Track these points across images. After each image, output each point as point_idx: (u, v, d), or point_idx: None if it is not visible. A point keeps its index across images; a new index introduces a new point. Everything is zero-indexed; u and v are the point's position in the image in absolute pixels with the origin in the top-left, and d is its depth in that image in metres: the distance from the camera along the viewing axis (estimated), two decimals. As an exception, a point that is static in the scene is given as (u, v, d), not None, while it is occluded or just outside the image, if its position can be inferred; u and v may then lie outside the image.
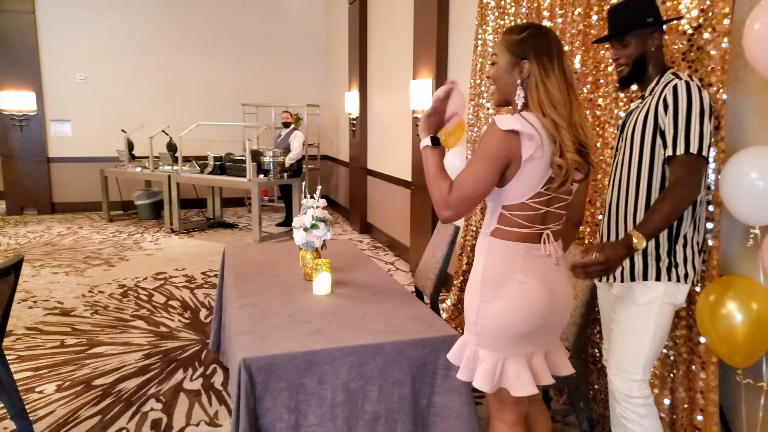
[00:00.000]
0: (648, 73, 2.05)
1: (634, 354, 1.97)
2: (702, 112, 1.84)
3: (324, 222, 2.75)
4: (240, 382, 1.88)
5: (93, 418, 2.95)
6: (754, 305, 1.84)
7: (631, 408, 1.99)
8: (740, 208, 1.88)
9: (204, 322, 4.34)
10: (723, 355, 1.97)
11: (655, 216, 1.81)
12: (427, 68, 5.21)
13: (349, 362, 2.00)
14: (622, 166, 2.08)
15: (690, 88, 1.86)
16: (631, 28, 1.98)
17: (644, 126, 1.97)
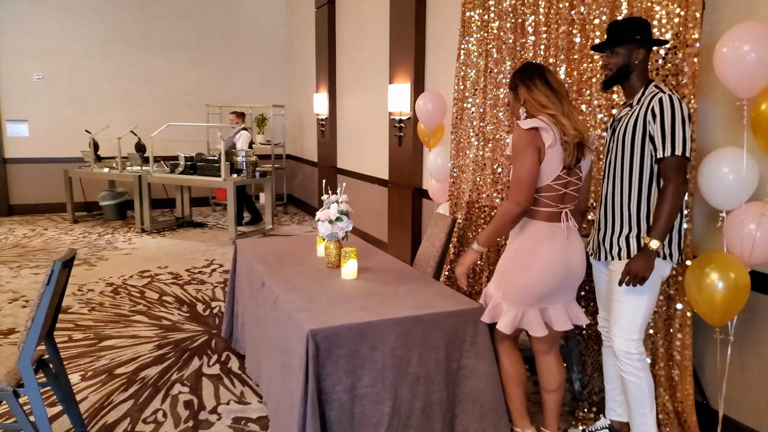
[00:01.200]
0: (631, 82, 2.43)
1: (632, 318, 2.39)
2: (683, 121, 2.23)
3: (347, 215, 3.07)
4: (308, 350, 2.18)
5: (127, 402, 3.16)
6: (731, 275, 2.28)
7: (630, 363, 2.40)
8: (714, 196, 2.33)
9: (203, 315, 4.54)
10: (705, 316, 2.41)
11: (662, 221, 2.27)
12: (405, 73, 5.56)
13: (395, 331, 2.33)
14: (615, 163, 2.47)
15: (673, 100, 2.25)
16: (620, 41, 2.39)
17: (634, 131, 2.37)
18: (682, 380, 2.70)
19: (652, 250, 2.27)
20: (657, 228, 2.28)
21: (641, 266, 2.28)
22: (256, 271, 3.14)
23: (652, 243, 2.27)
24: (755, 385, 2.57)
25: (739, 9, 2.51)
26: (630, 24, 2.40)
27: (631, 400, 2.45)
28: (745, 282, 2.29)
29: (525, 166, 2.29)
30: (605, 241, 2.50)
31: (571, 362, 3.05)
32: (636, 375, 2.40)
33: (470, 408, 2.49)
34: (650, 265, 2.28)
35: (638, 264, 2.29)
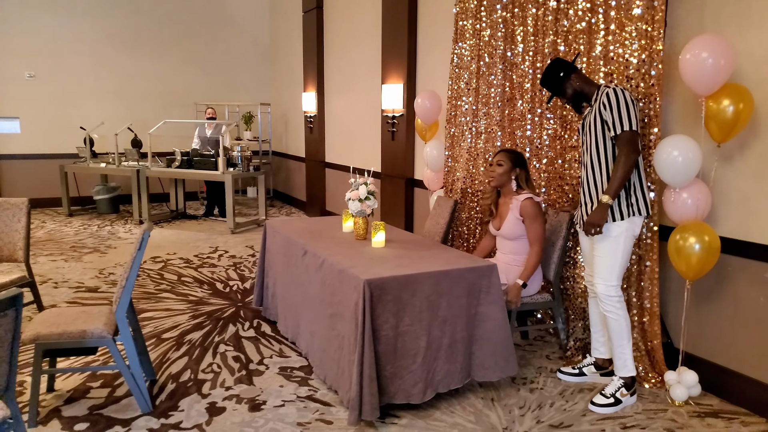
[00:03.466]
0: (587, 94, 3.13)
1: (610, 268, 3.03)
2: (627, 103, 2.87)
3: (373, 195, 3.62)
4: (364, 296, 2.73)
5: (183, 358, 3.65)
6: (706, 238, 2.93)
7: (611, 303, 3.04)
8: (667, 175, 2.97)
9: (225, 292, 5.03)
10: (682, 273, 3.03)
11: (614, 182, 2.92)
12: (398, 75, 6.14)
13: (429, 282, 2.91)
14: (588, 152, 3.11)
15: (616, 90, 2.92)
16: (556, 89, 3.20)
17: (595, 123, 3.03)
18: (651, 324, 3.36)
19: (604, 203, 2.94)
20: (610, 187, 2.93)
21: (595, 217, 2.97)
22: (296, 243, 3.67)
23: (604, 197, 2.94)
24: (709, 326, 3.24)
25: (693, 25, 3.17)
26: (550, 71, 3.18)
27: (612, 333, 3.09)
28: (716, 244, 2.93)
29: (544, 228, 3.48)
30: (587, 212, 3.11)
31: (557, 314, 3.67)
32: (615, 313, 3.05)
33: (485, 346, 3.09)
34: (603, 216, 2.95)
35: (594, 216, 2.98)
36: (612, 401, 3.04)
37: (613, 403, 3.04)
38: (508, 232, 3.57)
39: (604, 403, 3.05)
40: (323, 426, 2.85)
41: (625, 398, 3.07)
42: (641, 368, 3.36)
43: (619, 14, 3.33)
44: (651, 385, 3.29)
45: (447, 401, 3.10)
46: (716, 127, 2.89)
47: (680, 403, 3.08)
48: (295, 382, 3.34)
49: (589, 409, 3.05)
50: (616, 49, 3.38)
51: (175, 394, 3.17)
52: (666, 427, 2.88)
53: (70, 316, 2.96)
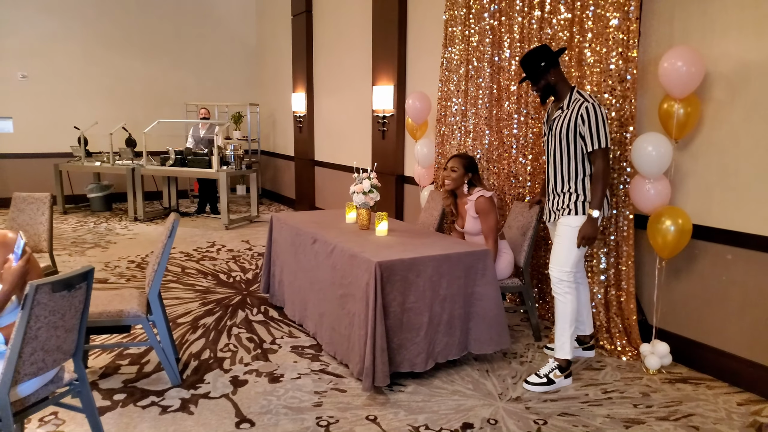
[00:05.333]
0: (558, 92, 3.31)
1: (566, 255, 3.29)
2: (603, 120, 3.14)
3: (377, 188, 3.95)
4: (376, 277, 3.06)
5: (200, 340, 3.94)
6: (679, 221, 3.31)
7: (561, 287, 3.30)
8: (643, 168, 3.35)
9: (229, 282, 5.32)
10: (659, 251, 3.40)
11: (597, 195, 3.18)
12: (388, 77, 6.48)
13: (431, 264, 3.25)
14: (555, 152, 3.34)
15: (595, 107, 3.14)
16: (533, 76, 3.30)
17: (568, 129, 3.23)
18: (628, 303, 3.74)
19: (595, 218, 3.18)
20: (594, 201, 3.18)
21: (590, 231, 3.20)
22: (305, 233, 3.98)
23: (594, 213, 3.18)
24: (679, 304, 3.63)
25: (664, 35, 3.56)
26: (533, 56, 3.28)
27: (557, 316, 3.36)
28: (688, 227, 3.32)
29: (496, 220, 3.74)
30: (554, 206, 3.40)
31: (527, 297, 3.95)
32: (564, 297, 3.32)
33: (480, 322, 3.44)
34: (595, 229, 3.21)
35: (588, 229, 3.21)
36: (545, 381, 3.26)
37: (545, 382, 3.26)
38: (470, 228, 3.92)
39: (537, 382, 3.27)
40: (338, 394, 3.18)
41: (559, 380, 3.28)
42: (619, 343, 3.74)
43: (598, 25, 3.71)
44: (628, 358, 3.67)
45: (446, 372, 3.44)
46: (672, 126, 3.31)
47: (653, 371, 3.46)
48: (307, 358, 3.66)
49: (574, 378, 3.41)
50: (595, 55, 3.75)
51: (199, 369, 3.47)
52: (642, 391, 3.26)
53: (105, 298, 3.24)
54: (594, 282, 3.85)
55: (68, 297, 2.14)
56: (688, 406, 3.08)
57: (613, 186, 3.72)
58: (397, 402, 3.10)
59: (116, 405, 3.01)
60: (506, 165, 4.63)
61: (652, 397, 3.19)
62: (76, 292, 2.17)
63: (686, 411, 3.03)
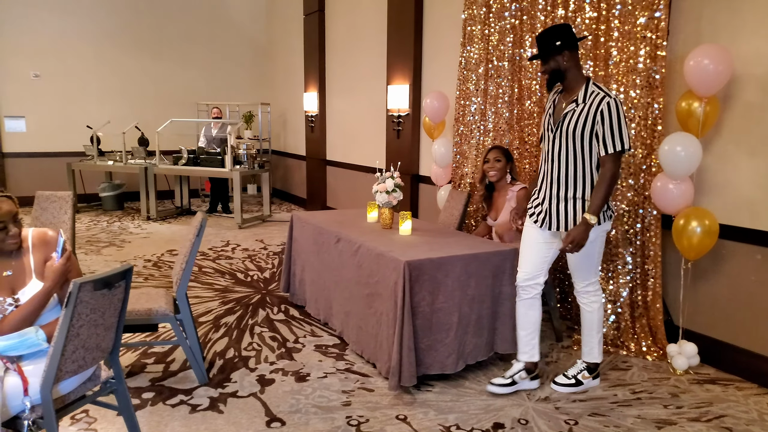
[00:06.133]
0: (569, 79, 2.92)
1: (591, 267, 3.14)
2: (624, 120, 2.83)
3: (400, 187, 3.94)
4: (404, 276, 3.05)
5: (223, 339, 3.93)
6: (706, 221, 3.29)
7: (590, 299, 3.20)
8: (671, 168, 3.32)
9: (247, 281, 5.31)
10: (686, 253, 3.39)
11: (598, 201, 2.87)
12: (404, 76, 6.47)
13: (459, 264, 3.24)
14: (564, 151, 2.97)
15: (618, 104, 2.82)
16: (547, 52, 2.91)
17: (583, 128, 2.88)
18: (654, 303, 3.72)
19: (590, 223, 2.86)
20: (594, 205, 2.86)
21: (580, 236, 2.87)
22: (328, 232, 3.97)
23: (591, 219, 2.86)
24: (706, 304, 3.61)
25: (691, 34, 3.54)
26: (550, 34, 2.91)
27: (586, 325, 3.24)
28: (715, 228, 3.30)
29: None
30: (555, 213, 3.04)
31: (550, 297, 3.92)
32: (591, 306, 3.20)
33: (507, 321, 3.42)
34: (587, 235, 2.87)
35: (578, 234, 2.87)
36: (573, 382, 3.21)
37: (574, 383, 3.21)
38: (504, 221, 3.90)
39: (565, 383, 3.22)
40: (366, 393, 3.17)
41: (587, 381, 3.23)
42: (644, 343, 3.72)
43: (625, 23, 3.70)
44: (653, 358, 3.65)
45: (473, 372, 3.43)
46: (695, 124, 3.31)
47: (681, 372, 3.45)
48: (332, 357, 3.65)
49: (601, 378, 3.39)
50: (621, 53, 3.74)
51: (225, 368, 3.46)
52: (670, 392, 3.24)
53: (132, 296, 3.22)
54: (619, 282, 3.83)
55: (108, 295, 2.13)
56: (719, 408, 3.06)
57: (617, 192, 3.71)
58: (425, 402, 3.09)
59: (146, 404, 3.01)
60: (527, 164, 4.62)
61: (681, 398, 3.17)
62: (116, 290, 2.17)
63: (717, 412, 3.01)
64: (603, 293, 3.29)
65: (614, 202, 3.74)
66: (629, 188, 3.77)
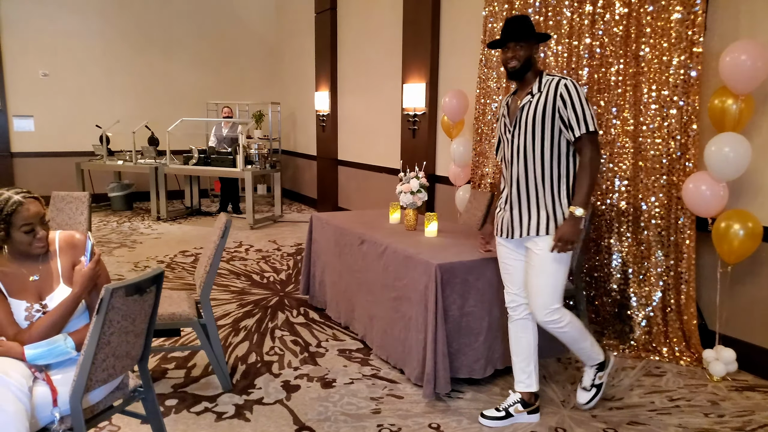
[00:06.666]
0: (527, 77, 2.68)
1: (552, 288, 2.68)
2: (586, 100, 2.57)
3: (425, 188, 3.84)
4: (436, 279, 2.95)
5: (243, 343, 3.84)
6: (749, 224, 3.18)
7: (554, 325, 2.72)
8: (718, 170, 3.21)
9: (263, 283, 5.22)
10: (726, 257, 3.27)
11: (584, 190, 2.56)
12: (420, 74, 6.37)
13: (490, 267, 3.13)
14: (523, 150, 2.67)
15: (576, 85, 2.58)
16: (530, 35, 2.64)
17: (543, 117, 2.59)
18: (687, 307, 3.62)
19: (578, 216, 2.54)
20: (580, 196, 2.56)
21: (570, 232, 2.55)
22: (351, 233, 3.87)
23: (577, 210, 2.54)
24: (743, 309, 3.51)
25: (728, 30, 3.44)
26: (527, 21, 2.67)
27: (567, 343, 2.85)
28: (759, 230, 3.18)
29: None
30: (518, 217, 2.71)
31: (579, 301, 3.83)
32: (562, 330, 2.75)
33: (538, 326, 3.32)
34: (578, 230, 2.56)
35: (567, 230, 2.55)
36: (594, 391, 2.94)
37: (596, 392, 2.94)
38: None
39: (589, 397, 2.94)
40: (395, 400, 3.07)
41: (602, 380, 2.95)
42: (677, 348, 3.62)
43: (657, 19, 3.59)
44: (687, 363, 3.55)
45: (503, 379, 3.33)
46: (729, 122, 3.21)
47: (718, 378, 3.34)
48: (356, 362, 3.55)
49: (635, 384, 3.29)
50: (654, 50, 3.63)
51: (248, 374, 3.37)
52: (709, 399, 3.14)
53: (155, 300, 3.14)
54: (651, 285, 3.73)
55: (140, 301, 2.04)
56: (762, 416, 2.96)
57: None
58: (457, 409, 2.99)
59: (169, 411, 2.91)
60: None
61: (721, 406, 3.06)
62: (147, 296, 2.08)
63: (762, 421, 2.91)
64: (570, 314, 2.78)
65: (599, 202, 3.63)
66: (660, 188, 3.67)
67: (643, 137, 3.75)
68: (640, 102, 3.77)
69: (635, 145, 3.81)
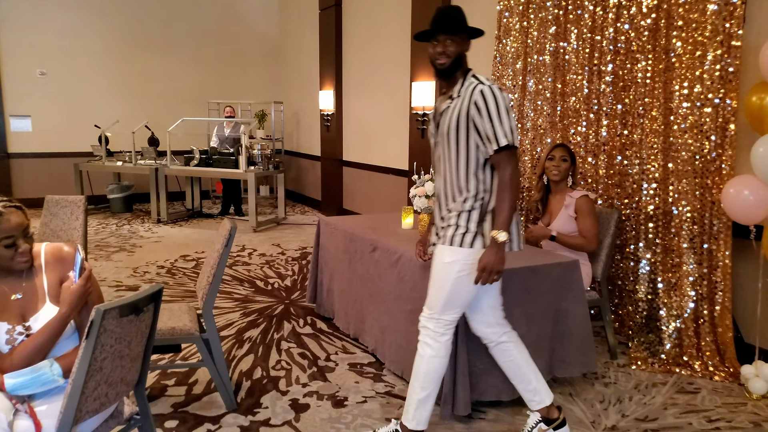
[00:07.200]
0: (455, 76, 2.40)
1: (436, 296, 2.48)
2: (506, 108, 2.26)
3: (440, 190, 3.61)
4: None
5: (248, 356, 3.61)
6: None
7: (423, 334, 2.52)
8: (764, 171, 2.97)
9: (268, 289, 5.00)
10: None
11: (504, 212, 2.30)
12: (429, 72, 6.12)
13: (517, 278, 2.90)
14: (440, 156, 2.47)
15: (494, 91, 2.26)
16: (463, 28, 2.41)
17: (458, 123, 2.34)
18: (722, 319, 3.39)
19: (501, 242, 2.28)
20: (501, 219, 2.29)
21: (494, 260, 2.29)
22: (362, 239, 3.64)
23: (500, 235, 2.27)
24: (779, 318, 3.28)
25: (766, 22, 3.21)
26: (461, 13, 2.45)
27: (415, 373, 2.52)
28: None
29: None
30: (438, 227, 2.53)
31: (605, 312, 3.59)
32: (422, 348, 2.49)
33: (566, 341, 3.09)
34: (502, 257, 2.30)
35: (490, 258, 2.29)
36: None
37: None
38: (559, 228, 3.57)
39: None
40: (413, 422, 2.84)
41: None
42: (711, 363, 3.39)
43: (691, 11, 3.36)
44: (721, 378, 3.32)
45: (528, 396, 3.09)
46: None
47: (758, 396, 3.11)
48: (368, 378, 3.32)
49: (669, 403, 3.07)
50: (686, 44, 3.40)
51: (253, 391, 3.14)
52: (751, 420, 2.91)
53: (153, 313, 2.91)
54: (682, 294, 3.50)
55: (135, 322, 1.81)
56: (811, 439, 2.74)
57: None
58: (480, 431, 2.76)
59: (169, 434, 2.69)
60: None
61: (765, 428, 2.84)
62: (144, 315, 1.85)
63: (812, 445, 2.68)
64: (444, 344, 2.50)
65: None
66: (692, 191, 3.44)
67: (673, 137, 3.52)
68: (670, 99, 3.55)
69: (665, 146, 3.58)
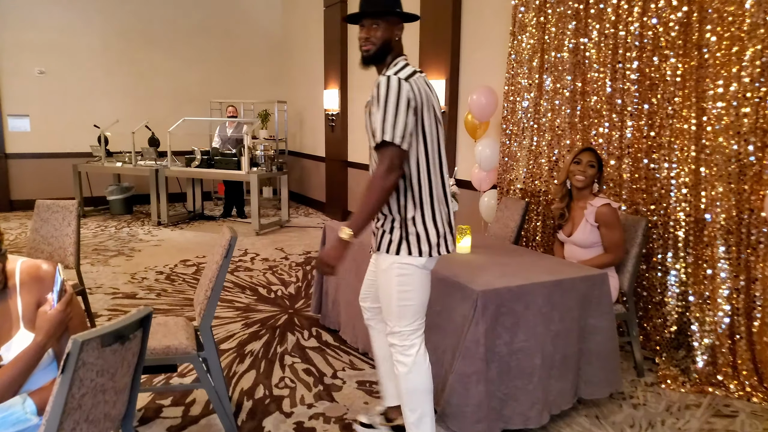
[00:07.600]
0: (387, 60, 2.24)
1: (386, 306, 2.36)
2: (401, 104, 2.05)
3: (455, 197, 3.37)
4: (476, 309, 2.49)
5: (250, 372, 3.38)
6: None
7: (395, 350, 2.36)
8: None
9: (270, 297, 4.77)
10: None
11: (357, 210, 2.15)
12: (439, 71, 5.90)
13: (542, 293, 2.67)
14: (369, 150, 2.28)
15: (391, 83, 2.07)
16: (390, 12, 2.20)
17: (367, 119, 2.23)
18: (761, 335, 3.15)
19: (342, 239, 2.13)
20: (353, 217, 2.16)
21: (329, 255, 2.19)
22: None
23: (343, 233, 2.13)
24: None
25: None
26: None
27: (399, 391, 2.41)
28: None
29: None
30: (373, 232, 2.38)
31: (631, 326, 3.36)
32: (401, 365, 2.34)
33: (593, 360, 2.86)
34: (339, 254, 2.16)
35: (326, 251, 2.22)
36: None
37: None
38: (581, 239, 3.33)
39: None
40: (428, 449, 2.60)
41: None
42: (747, 383, 3.15)
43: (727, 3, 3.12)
44: (760, 400, 3.08)
45: (555, 423, 2.85)
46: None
47: (801, 420, 2.87)
48: (378, 397, 3.08)
49: (706, 428, 2.83)
50: (721, 40, 3.16)
51: (255, 412, 2.91)
52: (797, 447, 2.67)
53: (147, 329, 2.68)
54: (715, 308, 3.26)
55: (121, 351, 1.58)
56: None
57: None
58: (502, 461, 2.53)
59: (163, 464, 2.46)
60: (593, 169, 4.04)
61: (813, 457, 2.60)
62: (130, 344, 1.62)
63: None
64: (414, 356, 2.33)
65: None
66: (727, 198, 3.20)
67: (707, 139, 3.28)
68: (702, 99, 3.31)
69: (697, 149, 3.34)
